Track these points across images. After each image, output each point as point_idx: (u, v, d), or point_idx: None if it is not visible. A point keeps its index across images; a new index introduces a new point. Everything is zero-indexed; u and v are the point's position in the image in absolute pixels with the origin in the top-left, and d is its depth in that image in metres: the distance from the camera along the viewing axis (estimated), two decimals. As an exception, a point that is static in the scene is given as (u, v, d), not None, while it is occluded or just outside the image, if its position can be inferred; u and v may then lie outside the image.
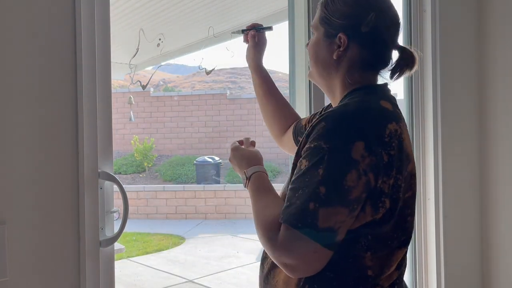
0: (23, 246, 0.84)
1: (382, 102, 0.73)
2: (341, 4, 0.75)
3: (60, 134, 0.88)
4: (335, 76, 0.78)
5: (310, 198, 0.65)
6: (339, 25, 0.75)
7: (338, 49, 0.75)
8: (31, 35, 0.85)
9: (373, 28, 0.73)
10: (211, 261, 4.49)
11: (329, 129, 0.67)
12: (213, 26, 1.24)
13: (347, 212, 0.65)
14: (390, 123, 0.70)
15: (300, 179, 0.67)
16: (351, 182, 0.65)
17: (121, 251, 4.10)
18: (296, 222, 0.65)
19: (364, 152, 0.66)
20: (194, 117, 7.50)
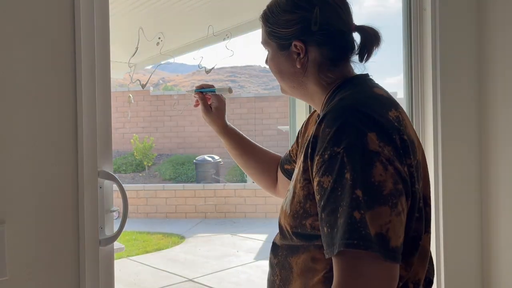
0: (22, 245, 0.84)
1: (375, 89, 0.70)
2: (282, 14, 0.72)
3: (59, 133, 0.88)
4: (307, 82, 0.74)
5: (352, 207, 0.57)
6: (289, 34, 0.72)
7: (299, 57, 0.72)
8: (30, 34, 0.85)
9: (322, 22, 0.70)
10: (210, 260, 4.49)
11: (336, 130, 0.61)
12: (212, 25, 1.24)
13: (388, 211, 0.58)
14: (390, 111, 0.65)
15: (333, 197, 0.59)
16: (379, 176, 0.58)
17: (120, 250, 4.10)
18: (352, 239, 0.56)
19: (379, 142, 0.60)
20: (194, 116, 7.50)
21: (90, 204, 0.89)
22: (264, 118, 7.48)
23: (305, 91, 0.76)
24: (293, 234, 0.69)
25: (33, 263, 0.85)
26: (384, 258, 0.57)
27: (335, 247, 0.58)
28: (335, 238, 0.58)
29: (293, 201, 0.68)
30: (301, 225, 0.67)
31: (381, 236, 0.57)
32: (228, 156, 5.86)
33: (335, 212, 0.59)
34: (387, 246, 0.57)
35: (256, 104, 7.58)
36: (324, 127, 0.63)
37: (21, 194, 0.84)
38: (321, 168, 0.61)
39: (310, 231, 0.66)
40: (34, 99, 0.86)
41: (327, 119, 0.64)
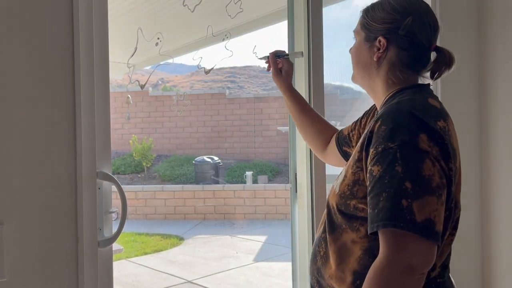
0: (21, 247, 0.83)
1: (430, 100, 0.79)
2: (380, 11, 0.83)
3: (58, 134, 0.88)
4: (376, 77, 0.84)
5: (400, 196, 0.67)
6: (378, 29, 0.82)
7: (378, 51, 0.82)
8: (28, 35, 0.85)
9: (410, 31, 0.80)
10: (210, 262, 4.48)
11: (391, 128, 0.71)
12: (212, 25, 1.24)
13: (435, 200, 0.68)
14: (438, 121, 0.75)
15: (379, 183, 0.69)
16: (428, 170, 0.69)
17: (119, 251, 4.10)
18: (397, 222, 0.66)
19: (429, 142, 0.70)
20: (193, 116, 7.49)
21: (88, 205, 0.89)
22: (264, 119, 7.47)
23: (372, 84, 0.86)
24: (337, 210, 0.80)
25: (31, 264, 0.84)
26: (427, 239, 0.67)
27: (377, 224, 0.68)
28: (377, 217, 0.69)
29: (343, 183, 0.79)
30: (345, 204, 0.78)
31: (430, 221, 0.67)
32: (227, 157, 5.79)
33: (379, 196, 0.69)
34: (433, 229, 0.67)
35: (256, 104, 7.58)
36: (381, 124, 0.73)
37: (19, 195, 0.84)
38: (374, 159, 0.71)
39: (352, 211, 0.77)
40: (32, 100, 0.85)
41: (384, 118, 0.74)
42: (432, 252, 0.68)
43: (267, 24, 1.86)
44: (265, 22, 1.72)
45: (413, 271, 0.66)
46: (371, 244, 0.74)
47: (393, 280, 0.66)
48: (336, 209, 0.80)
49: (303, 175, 1.33)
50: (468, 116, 1.56)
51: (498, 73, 1.52)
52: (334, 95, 1.78)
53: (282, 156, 7.22)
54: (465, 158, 1.57)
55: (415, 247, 0.66)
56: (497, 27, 1.52)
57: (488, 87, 1.55)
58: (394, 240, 0.67)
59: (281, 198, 5.99)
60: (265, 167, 7.01)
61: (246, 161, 7.28)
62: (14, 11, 0.83)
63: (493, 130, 1.54)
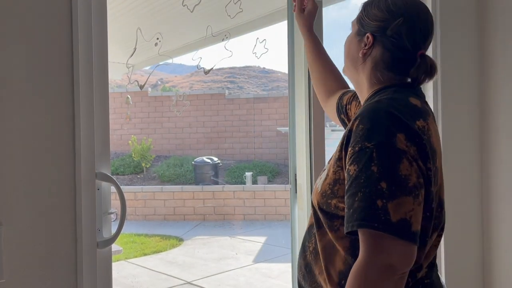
0: (19, 248, 0.83)
1: (411, 99, 0.78)
2: (375, 8, 0.83)
3: (57, 135, 0.87)
4: (362, 72, 0.85)
5: (375, 196, 0.67)
6: (369, 26, 0.83)
7: (364, 47, 0.83)
8: (27, 35, 0.84)
9: (397, 33, 0.80)
10: (209, 263, 4.47)
11: (369, 128, 0.71)
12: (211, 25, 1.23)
13: (412, 200, 0.68)
14: (418, 120, 0.74)
15: (355, 183, 0.69)
16: (405, 170, 0.68)
17: (118, 252, 4.09)
18: (372, 222, 0.66)
19: (407, 142, 0.70)
20: (192, 117, 7.48)
21: (87, 206, 0.89)
22: (264, 120, 7.47)
23: (358, 79, 0.87)
24: (319, 209, 0.80)
25: (30, 265, 0.84)
26: (403, 239, 0.66)
27: (352, 224, 0.68)
28: (352, 217, 0.69)
29: (325, 182, 0.79)
30: (326, 203, 0.78)
31: (405, 221, 0.67)
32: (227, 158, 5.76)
33: (354, 196, 0.69)
34: (409, 229, 0.67)
35: (255, 105, 7.57)
36: (359, 123, 0.73)
37: (18, 196, 0.83)
38: (351, 158, 0.71)
39: (333, 210, 0.77)
40: (31, 100, 0.85)
41: (362, 117, 0.73)
42: (410, 252, 0.67)
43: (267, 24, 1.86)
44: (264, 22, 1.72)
45: (393, 271, 0.66)
46: (352, 244, 0.74)
47: (373, 280, 0.66)
48: (318, 208, 0.80)
49: (303, 175, 1.33)
50: (468, 116, 1.56)
51: (499, 73, 1.52)
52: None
53: (281, 157, 7.22)
54: (465, 160, 1.58)
55: (393, 248, 0.66)
56: (498, 27, 1.52)
57: (489, 87, 1.55)
58: (371, 241, 0.67)
59: (281, 199, 5.98)
60: (265, 168, 7.01)
61: (245, 161, 7.28)
62: (13, 11, 0.83)
63: (493, 131, 1.54)
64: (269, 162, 7.22)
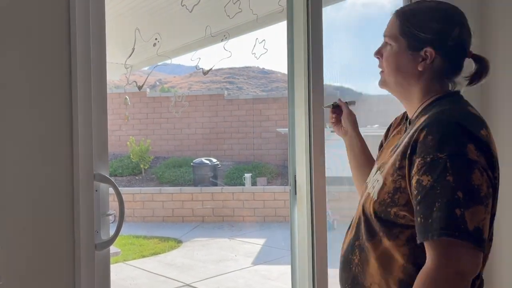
0: (17, 250, 0.82)
1: (470, 108, 0.80)
2: (428, 20, 0.81)
3: (55, 136, 0.87)
4: (415, 85, 0.84)
5: (453, 205, 0.69)
6: (425, 39, 0.81)
7: (424, 61, 0.81)
8: (25, 35, 0.84)
9: (457, 41, 0.81)
10: (208, 265, 4.46)
11: (439, 139, 0.72)
12: (210, 26, 1.23)
13: (483, 209, 0.71)
14: (481, 129, 0.76)
15: (431, 193, 0.71)
16: (477, 180, 0.71)
17: (117, 254, 4.07)
18: (452, 231, 0.68)
19: (477, 152, 0.72)
20: (191, 118, 7.47)
21: (85, 208, 0.88)
22: (263, 120, 7.46)
23: (407, 91, 0.85)
24: (375, 217, 0.80)
25: (27, 267, 0.83)
26: (479, 248, 0.69)
27: (432, 233, 0.69)
28: (430, 226, 0.70)
29: (382, 190, 0.79)
30: (385, 212, 0.79)
31: (479, 229, 0.69)
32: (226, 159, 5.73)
33: (432, 206, 0.70)
34: (482, 237, 0.70)
35: (255, 106, 7.56)
36: (426, 134, 0.73)
37: (14, 197, 0.82)
38: (422, 168, 0.72)
39: (393, 218, 0.78)
40: (28, 101, 0.84)
41: (430, 128, 0.74)
42: (479, 259, 0.69)
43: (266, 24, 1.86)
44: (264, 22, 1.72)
45: (462, 278, 0.68)
46: (412, 251, 0.75)
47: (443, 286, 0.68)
48: (374, 216, 0.80)
49: (303, 177, 1.32)
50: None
51: (500, 73, 1.52)
52: (334, 97, 1.78)
53: (281, 158, 7.21)
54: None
55: (464, 255, 0.68)
56: (499, 26, 1.52)
57: (490, 87, 1.55)
58: (444, 248, 0.68)
59: (280, 201, 5.97)
60: (264, 169, 7.00)
61: (245, 163, 7.27)
62: (10, 12, 0.82)
63: (494, 130, 1.53)
64: (269, 164, 7.22)
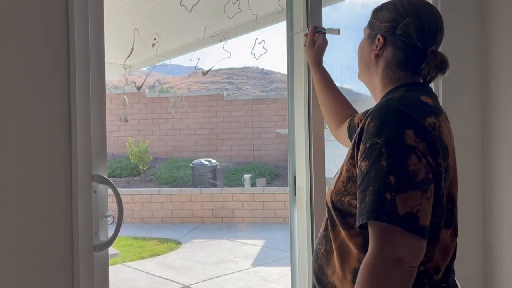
0: (14, 251, 0.82)
1: (422, 97, 0.80)
2: (384, 11, 0.86)
3: (53, 137, 0.86)
4: (375, 74, 0.87)
5: (383, 189, 0.69)
6: (379, 28, 0.86)
7: (376, 48, 0.86)
8: (23, 35, 0.83)
9: (406, 32, 0.82)
10: (207, 266, 4.45)
11: (378, 125, 0.73)
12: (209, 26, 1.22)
13: (420, 195, 0.69)
14: (429, 117, 0.75)
15: (366, 178, 0.71)
16: (413, 165, 0.69)
17: (115, 256, 4.05)
18: (380, 214, 0.68)
19: (416, 138, 0.71)
20: (190, 118, 7.46)
21: (84, 209, 0.88)
22: (262, 121, 7.46)
23: (371, 81, 0.89)
24: (332, 207, 0.82)
25: (25, 269, 0.83)
26: (411, 233, 0.67)
27: (362, 218, 0.70)
28: (363, 210, 0.70)
29: (339, 180, 0.81)
30: (340, 201, 0.80)
31: (412, 215, 0.68)
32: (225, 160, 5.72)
33: (365, 191, 0.71)
34: (417, 224, 0.68)
35: (254, 106, 7.56)
36: (370, 121, 0.75)
37: (12, 198, 0.82)
38: (362, 154, 0.73)
39: (347, 207, 0.79)
40: (26, 102, 0.84)
41: (373, 115, 0.75)
42: (418, 246, 0.68)
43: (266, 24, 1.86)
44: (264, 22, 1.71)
45: (400, 264, 0.67)
46: (365, 241, 0.75)
47: (381, 273, 0.68)
48: (331, 206, 0.82)
49: (303, 178, 1.32)
50: (470, 116, 1.55)
51: (501, 73, 1.52)
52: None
53: (281, 159, 7.21)
54: (467, 159, 1.56)
55: (400, 241, 0.68)
56: (500, 26, 1.51)
57: (491, 87, 1.55)
58: (379, 234, 0.68)
59: (280, 202, 5.97)
60: (264, 170, 6.99)
61: (244, 163, 7.26)
62: (8, 11, 0.82)
63: (496, 131, 1.54)
64: (268, 164, 7.21)
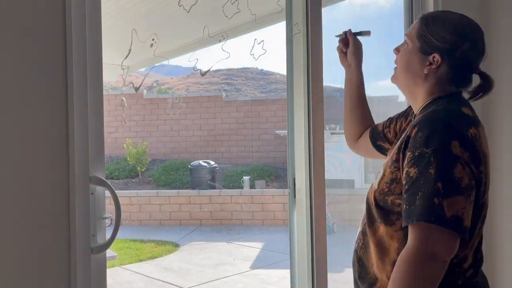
0: (11, 253, 0.81)
1: (463, 108, 0.88)
2: (442, 29, 0.88)
3: (50, 138, 0.86)
4: (421, 86, 0.92)
5: (432, 195, 0.77)
6: (436, 46, 0.88)
7: (430, 65, 0.89)
8: (19, 36, 0.83)
9: (465, 55, 0.88)
10: (206, 269, 4.44)
11: (427, 135, 0.81)
12: (208, 26, 1.21)
13: (464, 199, 0.78)
14: (470, 128, 0.84)
15: (416, 184, 0.80)
16: (458, 173, 0.79)
17: (113, 258, 4.04)
18: (430, 217, 0.77)
19: (461, 148, 0.80)
20: (188, 120, 7.45)
21: (81, 211, 0.87)
22: (262, 122, 7.44)
23: (413, 90, 0.93)
24: (375, 205, 0.90)
25: (22, 272, 0.82)
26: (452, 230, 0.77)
27: (412, 219, 0.79)
28: (412, 213, 0.79)
29: (382, 181, 0.89)
30: (383, 200, 0.88)
31: (457, 217, 0.77)
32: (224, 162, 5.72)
33: (415, 195, 0.80)
34: (461, 224, 0.78)
35: (253, 107, 7.55)
36: (417, 131, 0.82)
37: (9, 200, 0.81)
38: (411, 161, 0.82)
39: (390, 206, 0.87)
40: (23, 102, 0.83)
41: (420, 126, 0.83)
42: (454, 243, 0.77)
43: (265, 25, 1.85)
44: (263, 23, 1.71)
45: (435, 258, 0.76)
46: (405, 235, 0.82)
47: (416, 264, 0.76)
48: (374, 204, 0.89)
49: (302, 180, 1.31)
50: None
51: (502, 73, 1.51)
52: (334, 98, 1.77)
53: (280, 160, 7.19)
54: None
55: (439, 237, 0.76)
56: (502, 25, 1.51)
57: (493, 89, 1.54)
58: (421, 231, 0.77)
59: (279, 204, 5.95)
60: (263, 172, 6.98)
61: (243, 165, 7.25)
62: (5, 11, 0.81)
63: (497, 133, 1.53)
64: (267, 166, 7.20)
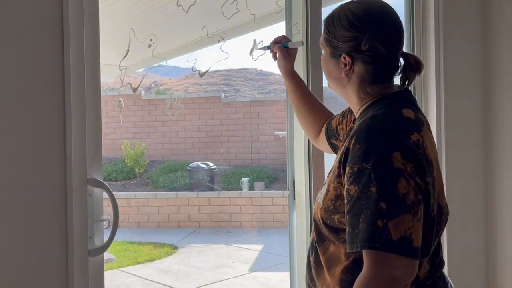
0: (8, 256, 0.80)
1: (403, 110, 0.80)
2: (340, 28, 0.82)
3: (47, 139, 0.85)
4: (349, 89, 0.86)
5: (375, 216, 0.70)
6: (341, 47, 0.83)
7: (345, 67, 0.83)
8: (17, 36, 0.82)
9: (371, 46, 0.80)
10: (204, 271, 4.41)
11: (365, 148, 0.73)
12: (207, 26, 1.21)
13: (411, 217, 0.71)
14: (412, 134, 0.76)
15: (357, 204, 0.72)
16: (402, 189, 0.71)
17: (111, 261, 4.02)
18: (375, 243, 0.70)
19: (403, 160, 0.72)
20: (187, 121, 7.42)
21: (79, 213, 0.87)
22: (261, 123, 7.42)
23: (346, 94, 0.88)
24: (323, 224, 0.83)
25: (19, 274, 0.81)
26: (406, 256, 0.70)
27: (356, 245, 0.72)
28: (356, 237, 0.72)
29: (326, 197, 0.82)
30: (330, 218, 0.81)
31: (406, 238, 0.70)
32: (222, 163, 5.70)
33: (357, 217, 0.72)
34: (410, 245, 0.70)
35: (252, 108, 7.52)
36: (355, 142, 0.75)
37: (5, 202, 0.80)
38: (350, 178, 0.74)
39: (337, 224, 0.80)
40: (20, 104, 0.83)
41: (357, 136, 0.75)
42: (412, 266, 0.71)
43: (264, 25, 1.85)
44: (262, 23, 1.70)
45: (396, 283, 0.70)
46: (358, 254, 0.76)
47: None
48: (322, 223, 0.83)
49: (302, 181, 1.31)
50: (471, 117, 1.55)
51: (504, 74, 1.51)
52: (333, 99, 1.77)
53: (279, 162, 7.17)
54: (469, 161, 1.55)
55: (394, 263, 0.70)
56: (502, 25, 1.51)
57: (493, 87, 1.54)
58: (374, 257, 0.70)
59: (279, 206, 5.93)
60: (262, 173, 6.95)
61: (242, 167, 7.23)
62: (2, 12, 0.80)
63: (498, 134, 1.53)
64: (267, 168, 7.18)
